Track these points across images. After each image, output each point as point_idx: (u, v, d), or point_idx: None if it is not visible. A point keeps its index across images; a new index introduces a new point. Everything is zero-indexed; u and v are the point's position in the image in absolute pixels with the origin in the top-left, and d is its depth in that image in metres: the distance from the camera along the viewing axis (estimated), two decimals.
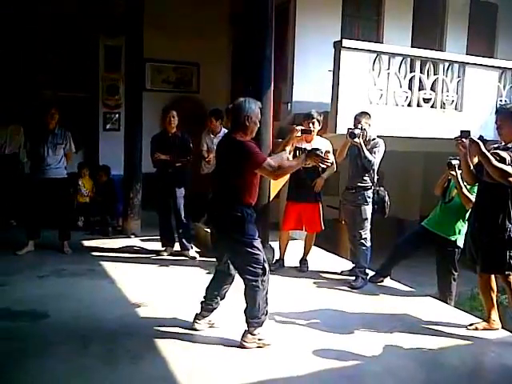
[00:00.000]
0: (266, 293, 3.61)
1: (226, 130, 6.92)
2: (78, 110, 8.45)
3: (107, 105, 8.91)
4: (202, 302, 3.86)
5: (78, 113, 8.42)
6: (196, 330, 3.84)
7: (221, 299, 3.87)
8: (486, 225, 3.91)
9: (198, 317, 3.87)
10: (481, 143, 3.66)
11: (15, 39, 8.17)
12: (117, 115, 8.88)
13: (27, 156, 6.33)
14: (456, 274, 4.96)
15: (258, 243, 3.56)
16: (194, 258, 5.95)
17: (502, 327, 4.17)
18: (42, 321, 3.99)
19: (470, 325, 4.15)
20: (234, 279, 3.80)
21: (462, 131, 3.89)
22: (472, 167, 4.03)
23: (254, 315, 3.58)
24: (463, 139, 3.86)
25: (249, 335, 3.60)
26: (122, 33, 7.73)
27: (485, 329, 4.08)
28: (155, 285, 4.99)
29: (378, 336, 3.93)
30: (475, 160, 4.02)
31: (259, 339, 3.60)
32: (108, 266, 5.51)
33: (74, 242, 6.23)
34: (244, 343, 3.59)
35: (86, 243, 6.52)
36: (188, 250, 6.01)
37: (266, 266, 3.58)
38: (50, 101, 7.74)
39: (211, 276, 5.26)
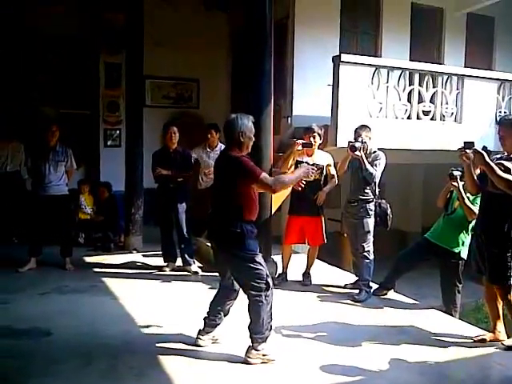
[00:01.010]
0: (271, 308, 3.59)
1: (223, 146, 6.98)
2: (78, 127, 8.48)
3: (108, 121, 8.94)
4: (205, 318, 3.84)
5: (78, 130, 8.45)
6: (200, 346, 3.81)
7: (224, 315, 3.85)
8: (491, 235, 3.90)
9: (201, 333, 3.84)
10: (485, 154, 3.68)
11: (16, 57, 8.23)
12: (117, 131, 8.92)
13: (28, 173, 6.34)
14: (460, 285, 4.93)
15: (259, 258, 3.55)
16: (197, 273, 5.92)
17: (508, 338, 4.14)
18: (45, 338, 3.96)
19: (477, 337, 4.12)
20: (238, 295, 3.78)
21: (465, 142, 3.91)
22: (476, 178, 4.04)
23: (258, 331, 3.55)
24: (467, 150, 3.87)
25: (253, 351, 3.57)
26: (122, 50, 7.80)
27: (491, 340, 4.05)
28: (158, 300, 4.97)
29: (383, 349, 3.90)
30: (477, 171, 4.04)
31: (263, 355, 3.57)
32: (110, 282, 5.48)
33: (76, 259, 6.22)
34: (248, 359, 3.56)
35: (88, 259, 6.50)
36: (190, 265, 5.98)
37: (270, 280, 3.56)
38: (51, 118, 7.76)
39: (214, 291, 5.22)
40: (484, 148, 3.81)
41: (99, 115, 8.88)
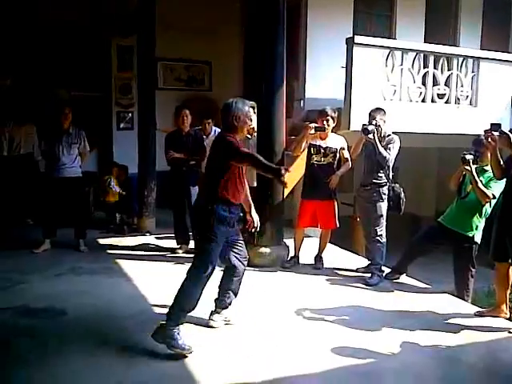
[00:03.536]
0: (194, 297, 3.51)
1: (218, 129, 6.94)
2: (91, 110, 8.50)
3: (120, 104, 8.95)
4: (215, 300, 3.88)
5: (91, 112, 8.47)
6: (212, 327, 3.85)
7: (234, 294, 3.86)
8: None
9: (213, 314, 3.88)
10: (511, 135, 3.66)
11: (29, 40, 8.23)
12: (130, 114, 8.93)
13: (42, 155, 6.38)
14: (473, 270, 4.90)
15: (214, 246, 3.50)
16: None
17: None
18: (60, 318, 4.03)
19: (477, 312, 4.22)
20: (242, 271, 3.80)
21: (492, 124, 3.89)
22: (502, 161, 4.02)
23: (173, 309, 3.49)
24: (493, 132, 3.84)
25: (162, 330, 3.46)
26: (134, 32, 7.77)
27: (492, 315, 4.15)
28: (171, 282, 4.94)
29: (394, 333, 3.91)
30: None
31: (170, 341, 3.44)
32: (124, 263, 5.54)
33: (90, 241, 6.28)
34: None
35: (102, 241, 6.56)
36: None
37: (209, 271, 3.51)
38: (64, 101, 7.80)
39: None
40: (511, 130, 3.79)
41: (112, 98, 8.88)
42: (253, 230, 3.96)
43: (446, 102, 7.38)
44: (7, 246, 6.01)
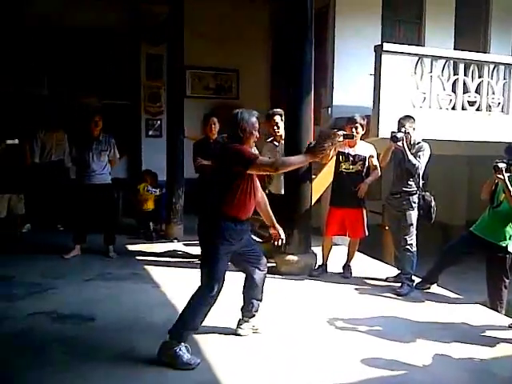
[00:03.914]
0: (204, 315, 3.46)
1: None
2: (120, 118, 8.62)
3: (149, 112, 9.07)
4: (241, 308, 3.85)
5: (120, 120, 8.59)
6: (240, 335, 3.83)
7: (258, 301, 3.79)
8: None
9: (240, 322, 3.86)
10: None
11: (59, 51, 8.42)
12: (158, 122, 9.03)
13: (73, 162, 6.48)
14: (507, 281, 4.79)
15: (221, 260, 3.41)
16: None
17: None
18: (89, 324, 4.06)
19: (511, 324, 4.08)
20: (262, 279, 3.73)
21: None
22: None
23: (178, 325, 3.42)
24: None
25: (166, 349, 3.39)
26: (164, 41, 7.88)
27: None
28: None
29: (426, 344, 3.83)
30: None
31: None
32: (152, 270, 5.58)
33: (119, 247, 6.34)
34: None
35: (131, 247, 6.62)
36: None
37: (216, 289, 3.42)
38: (95, 109, 7.92)
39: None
40: None
41: (141, 105, 8.99)
42: (279, 242, 3.87)
43: (477, 110, 7.24)
44: (38, 251, 6.11)
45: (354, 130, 5.21)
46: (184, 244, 6.79)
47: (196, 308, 3.43)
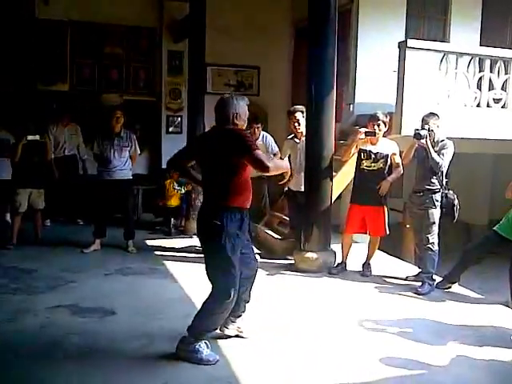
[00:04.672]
0: (222, 318, 3.39)
1: (266, 134, 6.91)
2: (141, 114, 8.67)
3: (170, 108, 9.08)
4: None
5: (141, 116, 8.65)
6: (226, 336, 3.66)
7: (245, 302, 3.65)
8: None
9: (227, 322, 3.64)
10: None
11: (82, 44, 8.50)
12: (179, 118, 9.04)
13: (94, 158, 6.51)
14: None
15: (234, 259, 3.22)
16: None
17: None
18: (109, 317, 4.09)
19: None
20: (252, 280, 3.60)
21: None
22: None
23: (196, 325, 3.33)
24: None
25: (183, 346, 3.33)
26: (185, 37, 7.89)
27: None
28: None
29: (446, 345, 3.77)
30: None
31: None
32: (170, 265, 5.59)
33: (138, 242, 6.37)
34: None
35: (149, 243, 6.66)
36: None
37: (233, 292, 3.24)
38: (116, 105, 7.97)
39: (271, 278, 5.25)
40: None
41: (162, 102, 9.03)
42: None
43: (503, 107, 7.10)
44: (59, 246, 6.19)
45: (375, 127, 5.16)
46: None
47: (214, 314, 3.32)
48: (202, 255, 3.43)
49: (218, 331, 3.60)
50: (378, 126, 5.17)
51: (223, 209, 3.19)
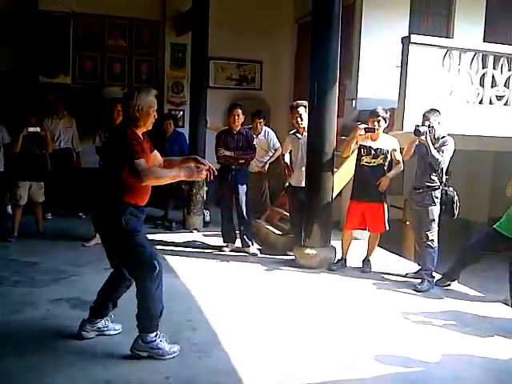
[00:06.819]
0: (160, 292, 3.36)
1: (268, 129, 6.94)
2: None
3: (172, 102, 9.09)
4: (92, 308, 3.63)
5: None
6: (83, 338, 3.56)
7: (113, 305, 3.63)
8: None
9: (85, 324, 3.58)
10: None
11: (84, 36, 8.51)
12: (181, 112, 9.05)
13: (96, 152, 6.50)
14: None
15: (140, 238, 3.32)
16: (255, 254, 5.95)
17: None
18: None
19: None
20: (130, 283, 3.54)
21: None
22: None
23: (146, 320, 3.36)
24: None
25: (140, 342, 3.32)
26: (188, 31, 7.88)
27: None
28: (217, 280, 5.04)
29: (445, 342, 3.79)
30: None
31: (151, 348, 3.30)
32: (171, 260, 5.60)
33: None
34: (135, 351, 3.33)
35: (150, 237, 6.61)
36: (249, 246, 6.02)
37: (156, 262, 3.29)
38: (117, 97, 7.96)
39: (271, 273, 5.26)
40: None
41: (164, 96, 9.02)
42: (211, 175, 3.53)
43: (505, 104, 7.08)
44: (60, 239, 6.21)
45: (376, 123, 5.17)
46: (203, 235, 6.83)
47: (152, 294, 3.29)
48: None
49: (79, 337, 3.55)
50: (378, 122, 5.17)
51: (119, 204, 3.24)
